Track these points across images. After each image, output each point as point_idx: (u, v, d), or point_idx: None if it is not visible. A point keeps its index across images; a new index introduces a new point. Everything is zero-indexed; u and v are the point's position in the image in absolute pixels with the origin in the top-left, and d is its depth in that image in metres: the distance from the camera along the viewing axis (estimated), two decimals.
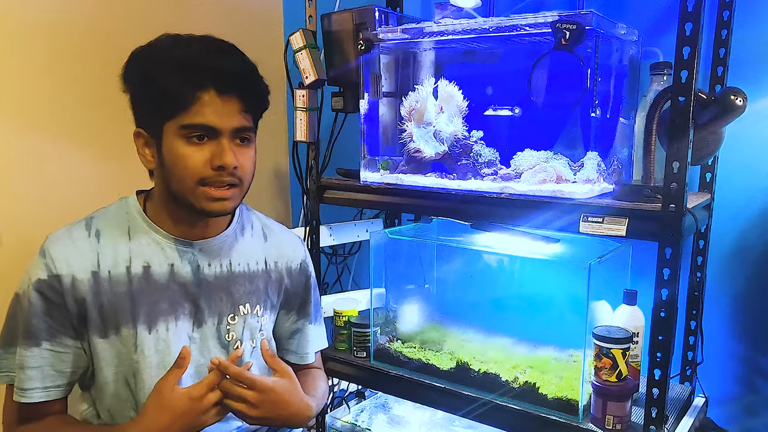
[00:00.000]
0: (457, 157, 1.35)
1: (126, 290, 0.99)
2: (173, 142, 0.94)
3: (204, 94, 0.92)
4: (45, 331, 0.96)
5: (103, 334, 0.98)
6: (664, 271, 1.07)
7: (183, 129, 0.93)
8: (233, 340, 1.08)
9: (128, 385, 1.01)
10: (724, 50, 1.32)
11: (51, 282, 0.95)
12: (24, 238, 1.05)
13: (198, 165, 0.94)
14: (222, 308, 1.07)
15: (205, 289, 1.05)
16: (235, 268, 1.09)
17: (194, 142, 0.94)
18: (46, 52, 1.30)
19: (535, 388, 1.27)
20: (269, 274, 1.14)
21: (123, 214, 1.03)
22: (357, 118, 1.47)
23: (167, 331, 1.02)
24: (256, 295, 1.12)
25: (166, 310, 1.02)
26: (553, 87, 1.17)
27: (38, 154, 1.31)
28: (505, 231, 1.37)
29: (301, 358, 1.24)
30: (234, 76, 0.95)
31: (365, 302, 1.64)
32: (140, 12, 1.45)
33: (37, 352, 0.96)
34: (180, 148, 0.93)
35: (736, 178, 1.39)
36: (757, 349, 1.43)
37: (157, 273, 1.01)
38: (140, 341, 1.00)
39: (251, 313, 1.11)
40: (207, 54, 0.95)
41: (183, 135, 0.93)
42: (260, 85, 1.01)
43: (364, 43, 1.39)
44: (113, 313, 0.98)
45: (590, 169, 1.19)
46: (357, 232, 1.74)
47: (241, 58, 0.99)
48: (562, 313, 1.37)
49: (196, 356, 1.05)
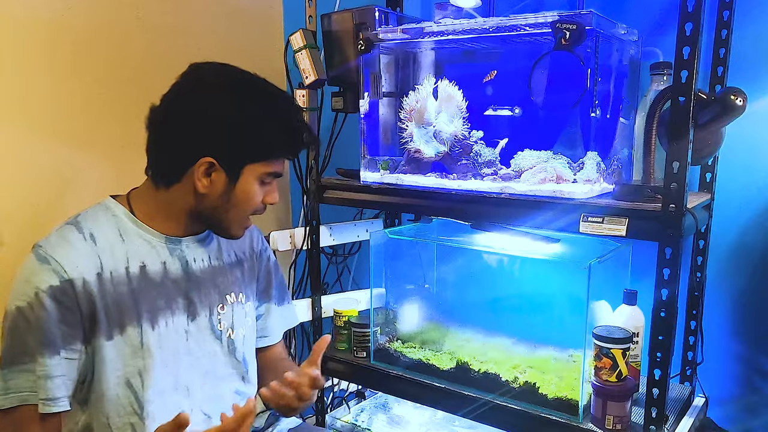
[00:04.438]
0: (457, 157, 1.35)
1: (128, 290, 1.01)
2: (250, 180, 1.04)
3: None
4: (61, 338, 0.95)
5: (109, 336, 0.99)
6: (664, 271, 1.07)
7: (265, 175, 1.05)
8: (224, 329, 1.13)
9: (131, 387, 1.01)
10: (724, 50, 1.32)
11: (64, 287, 0.95)
12: (26, 238, 1.04)
13: (259, 201, 1.07)
14: (211, 300, 1.11)
15: (195, 282, 1.09)
16: (214, 261, 1.13)
17: (264, 183, 1.07)
18: (47, 52, 1.30)
19: (535, 388, 1.27)
20: (242, 263, 1.19)
21: (110, 216, 1.04)
22: (357, 118, 1.46)
23: (167, 327, 1.05)
24: (237, 285, 1.16)
25: (164, 307, 1.05)
26: (553, 87, 1.17)
27: (39, 154, 1.31)
28: (505, 231, 1.37)
29: (266, 340, 1.27)
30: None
31: (365, 302, 1.64)
32: (141, 11, 1.45)
33: (59, 360, 0.95)
34: (255, 188, 1.05)
35: (736, 178, 1.39)
36: (757, 349, 1.43)
37: (152, 271, 1.04)
38: (146, 339, 1.02)
39: (237, 302, 1.15)
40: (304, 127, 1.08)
41: (261, 178, 1.05)
42: None
43: (364, 43, 1.39)
44: (118, 313, 1.00)
45: (590, 169, 1.19)
46: (357, 232, 1.74)
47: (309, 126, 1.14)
48: (562, 313, 1.37)
49: (193, 348, 1.08)
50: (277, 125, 1.04)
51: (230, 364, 1.14)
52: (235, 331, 1.14)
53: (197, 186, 1.01)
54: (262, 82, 1.06)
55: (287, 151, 1.08)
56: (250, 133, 1.01)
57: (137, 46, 1.44)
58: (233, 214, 1.06)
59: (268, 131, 1.02)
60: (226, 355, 1.13)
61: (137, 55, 1.45)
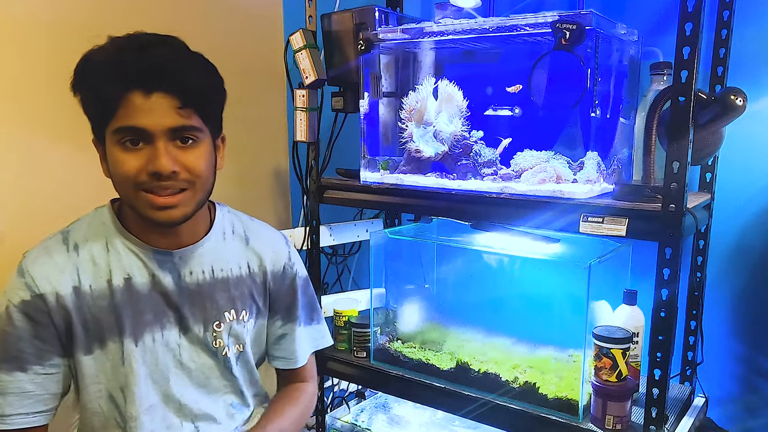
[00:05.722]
0: (457, 157, 1.35)
1: (109, 303, 0.97)
2: (111, 148, 0.90)
3: (131, 95, 0.87)
4: (34, 355, 0.93)
5: (88, 350, 0.96)
6: (664, 271, 1.07)
7: (115, 134, 0.88)
8: (221, 346, 1.06)
9: (113, 401, 0.99)
10: (724, 50, 1.32)
11: (35, 302, 0.92)
12: (27, 238, 1.04)
13: (131, 171, 0.89)
14: (207, 315, 1.04)
15: (188, 297, 1.02)
16: (218, 274, 1.05)
17: (128, 147, 0.89)
18: (47, 52, 1.30)
19: (535, 388, 1.27)
20: (253, 278, 1.10)
21: (99, 225, 1.00)
22: (357, 118, 1.46)
23: (154, 342, 1.00)
24: (241, 301, 1.08)
25: (151, 321, 1.00)
26: (553, 87, 1.17)
27: (40, 154, 1.31)
28: (505, 231, 1.37)
29: (289, 363, 1.17)
30: (159, 72, 0.87)
31: (365, 302, 1.64)
32: (140, 11, 1.45)
33: (24, 377, 0.92)
34: (116, 154, 0.89)
35: (736, 178, 1.39)
36: (757, 349, 1.43)
37: (138, 284, 0.98)
38: (127, 354, 0.97)
39: (237, 320, 1.07)
40: (132, 52, 0.87)
41: (117, 141, 0.89)
42: (198, 76, 0.92)
43: (364, 43, 1.39)
44: (97, 328, 0.96)
45: (590, 169, 1.19)
46: (357, 232, 1.74)
47: (171, 49, 0.90)
48: (562, 313, 1.37)
49: (186, 361, 1.03)
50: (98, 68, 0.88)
51: (225, 377, 1.08)
52: (231, 349, 1.07)
53: (103, 170, 0.96)
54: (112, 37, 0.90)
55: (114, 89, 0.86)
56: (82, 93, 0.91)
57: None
58: (121, 193, 0.93)
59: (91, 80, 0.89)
60: (221, 369, 1.07)
61: None
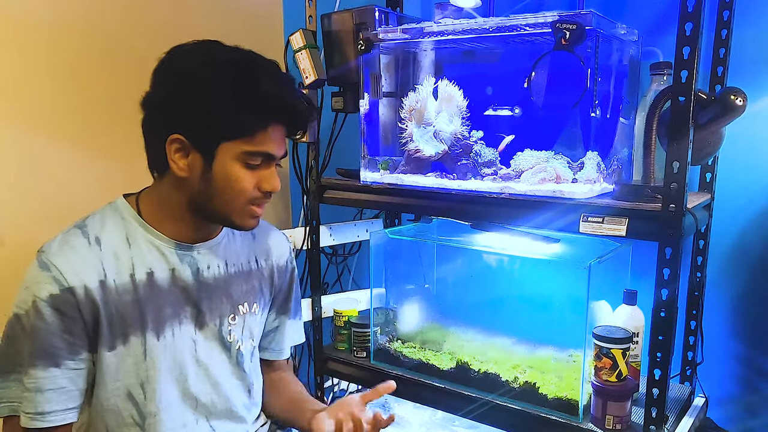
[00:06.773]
0: (457, 157, 1.35)
1: (132, 298, 0.97)
2: (229, 163, 0.95)
3: (273, 127, 0.96)
4: (66, 350, 0.92)
5: (111, 346, 0.96)
6: (664, 271, 1.07)
7: (245, 154, 0.95)
8: (234, 340, 1.08)
9: (131, 399, 0.98)
10: (724, 50, 1.32)
11: (64, 296, 0.91)
12: (27, 238, 1.04)
13: (249, 187, 0.97)
14: (222, 310, 1.07)
15: (206, 291, 1.04)
16: (231, 268, 1.08)
17: (250, 166, 0.96)
18: (48, 52, 1.30)
19: (535, 388, 1.27)
20: (261, 271, 1.14)
21: (118, 219, 1.00)
22: (357, 118, 1.46)
23: (173, 336, 1.01)
24: (253, 294, 1.12)
25: (171, 315, 1.01)
26: (553, 87, 1.17)
27: (40, 154, 1.31)
28: (505, 231, 1.37)
29: (277, 354, 1.23)
30: (295, 111, 0.99)
31: (365, 302, 1.64)
32: (141, 11, 1.45)
33: (58, 372, 0.92)
34: (236, 170, 0.95)
35: (736, 178, 1.39)
36: (757, 349, 1.43)
37: (160, 278, 1.00)
38: (149, 348, 0.98)
39: (250, 312, 1.11)
40: (281, 89, 0.97)
41: (242, 159, 0.95)
42: (305, 111, 1.02)
43: (364, 43, 1.39)
44: (122, 324, 0.96)
45: (590, 169, 1.19)
46: (357, 232, 1.74)
47: (301, 95, 1.03)
48: (562, 313, 1.37)
49: (202, 358, 1.04)
50: (246, 97, 0.92)
51: (236, 375, 1.10)
52: (244, 343, 1.10)
53: (173, 168, 0.95)
54: (242, 55, 0.96)
55: (262, 120, 0.94)
56: (217, 108, 0.92)
57: (137, 46, 1.44)
58: (222, 201, 0.97)
59: (236, 105, 0.92)
60: (234, 366, 1.09)
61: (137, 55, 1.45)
